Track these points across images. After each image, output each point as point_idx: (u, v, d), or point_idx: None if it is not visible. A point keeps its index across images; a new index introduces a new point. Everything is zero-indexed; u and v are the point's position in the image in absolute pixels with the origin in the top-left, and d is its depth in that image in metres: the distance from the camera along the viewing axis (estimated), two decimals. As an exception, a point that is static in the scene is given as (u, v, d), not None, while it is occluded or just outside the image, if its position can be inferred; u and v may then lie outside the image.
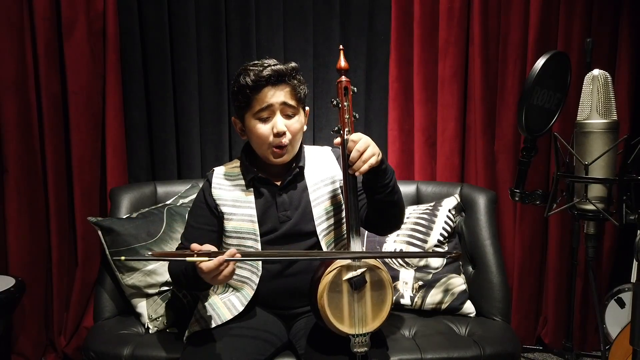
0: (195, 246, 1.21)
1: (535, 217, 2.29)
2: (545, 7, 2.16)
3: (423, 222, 1.87)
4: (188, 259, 1.19)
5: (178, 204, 1.93)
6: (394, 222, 1.46)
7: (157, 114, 2.25)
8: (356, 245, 1.27)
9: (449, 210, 1.91)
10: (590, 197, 1.25)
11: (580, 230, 2.15)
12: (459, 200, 1.97)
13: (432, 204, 1.96)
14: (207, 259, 1.19)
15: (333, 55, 2.27)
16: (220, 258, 1.18)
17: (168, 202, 1.96)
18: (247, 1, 2.21)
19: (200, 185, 2.03)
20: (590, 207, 1.26)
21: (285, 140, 1.40)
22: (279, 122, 1.39)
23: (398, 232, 1.82)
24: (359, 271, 1.23)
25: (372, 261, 1.26)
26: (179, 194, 2.00)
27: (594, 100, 1.25)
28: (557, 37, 2.20)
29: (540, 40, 2.17)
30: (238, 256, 1.21)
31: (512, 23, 2.20)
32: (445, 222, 1.88)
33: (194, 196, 1.97)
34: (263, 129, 1.40)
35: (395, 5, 2.24)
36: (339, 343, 1.28)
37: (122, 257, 1.19)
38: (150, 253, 1.18)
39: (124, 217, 1.88)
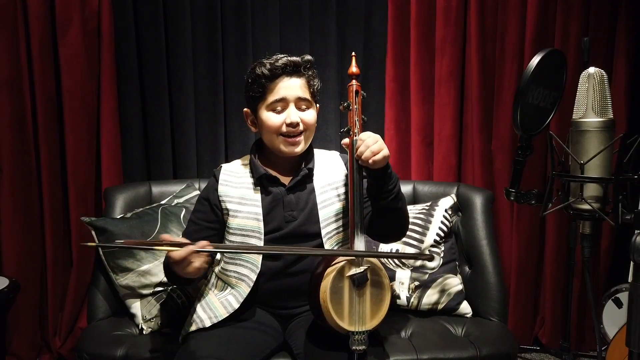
0: (166, 236, 1.22)
1: (532, 217, 2.27)
2: (543, 6, 2.15)
3: (419, 222, 1.86)
4: (157, 247, 1.19)
5: (173, 204, 1.92)
6: (398, 229, 1.44)
7: (153, 114, 2.24)
8: (360, 243, 1.27)
9: (446, 210, 1.90)
10: (586, 196, 1.25)
11: (577, 230, 2.14)
12: (456, 200, 1.96)
13: (428, 203, 1.95)
14: (176, 248, 1.18)
15: (330, 55, 2.27)
16: (189, 248, 1.19)
17: (163, 202, 1.95)
18: (243, 0, 2.21)
19: (196, 185, 2.03)
20: (586, 206, 1.26)
21: (298, 129, 1.42)
22: (293, 113, 1.41)
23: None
24: (362, 268, 1.23)
25: (373, 259, 1.26)
26: (174, 193, 1.99)
27: (590, 99, 1.24)
28: (555, 36, 2.19)
29: (537, 39, 2.16)
30: (209, 248, 1.21)
31: (509, 22, 2.19)
32: (442, 222, 1.87)
33: (189, 196, 1.96)
34: (276, 119, 1.42)
35: (392, 4, 2.23)
36: (337, 342, 1.27)
37: (92, 244, 1.19)
38: (121, 241, 1.18)
39: (118, 217, 1.87)
